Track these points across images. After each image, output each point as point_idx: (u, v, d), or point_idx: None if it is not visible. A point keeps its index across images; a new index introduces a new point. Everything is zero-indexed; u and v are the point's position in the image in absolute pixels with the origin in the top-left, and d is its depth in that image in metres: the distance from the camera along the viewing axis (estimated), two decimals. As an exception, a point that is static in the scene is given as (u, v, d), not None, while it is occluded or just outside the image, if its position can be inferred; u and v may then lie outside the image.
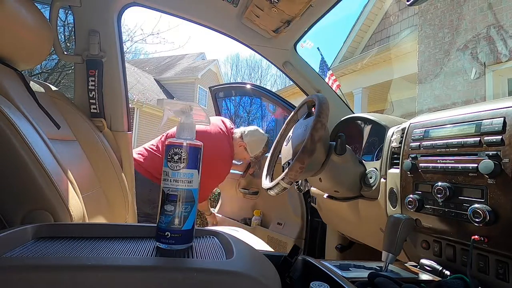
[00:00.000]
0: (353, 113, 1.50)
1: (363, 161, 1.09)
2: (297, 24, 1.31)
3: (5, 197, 0.60)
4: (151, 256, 0.44)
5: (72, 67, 1.32)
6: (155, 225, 0.48)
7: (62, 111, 1.03)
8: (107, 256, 0.42)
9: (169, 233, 0.46)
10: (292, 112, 1.21)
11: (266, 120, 2.54)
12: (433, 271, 0.78)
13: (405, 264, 0.84)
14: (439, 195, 0.74)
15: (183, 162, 0.47)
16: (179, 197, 0.46)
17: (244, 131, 1.82)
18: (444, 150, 0.77)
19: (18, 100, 0.73)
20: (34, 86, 0.93)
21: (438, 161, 0.78)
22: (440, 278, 0.73)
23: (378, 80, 6.44)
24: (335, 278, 0.49)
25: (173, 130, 1.88)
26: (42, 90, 0.97)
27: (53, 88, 1.07)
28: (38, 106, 0.80)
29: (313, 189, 1.38)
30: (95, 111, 1.21)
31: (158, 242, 0.47)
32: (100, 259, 0.40)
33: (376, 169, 1.01)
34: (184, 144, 0.47)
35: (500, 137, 0.65)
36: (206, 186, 1.68)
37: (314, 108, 0.95)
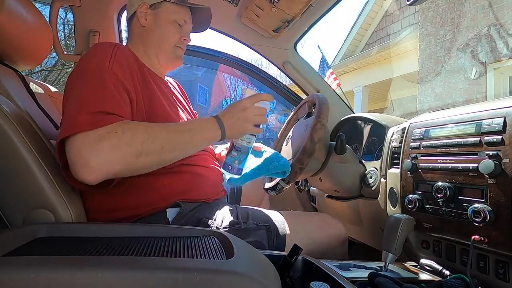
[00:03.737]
0: (353, 112, 1.50)
1: (363, 161, 1.09)
2: (297, 24, 1.31)
3: (6, 196, 0.60)
4: (151, 256, 0.44)
5: (72, 65, 1.32)
6: (155, 225, 0.48)
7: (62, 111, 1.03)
8: (107, 256, 0.42)
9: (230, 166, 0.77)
10: (292, 112, 1.21)
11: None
12: (433, 271, 0.78)
13: (405, 264, 0.84)
14: (439, 195, 0.74)
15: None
16: (241, 150, 0.76)
17: None
18: (444, 150, 0.77)
19: (19, 100, 0.73)
20: (34, 87, 0.93)
21: (438, 161, 0.77)
22: (440, 278, 0.73)
23: (378, 78, 6.43)
24: (335, 278, 0.49)
25: None
26: (42, 90, 0.97)
27: (53, 89, 1.07)
28: (38, 107, 0.81)
29: (313, 189, 1.38)
30: (95, 110, 1.20)
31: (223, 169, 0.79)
32: (100, 259, 0.40)
33: (376, 169, 1.01)
34: None
35: (500, 137, 0.65)
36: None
37: (314, 108, 0.95)
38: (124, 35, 1.31)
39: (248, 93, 0.76)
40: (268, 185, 1.01)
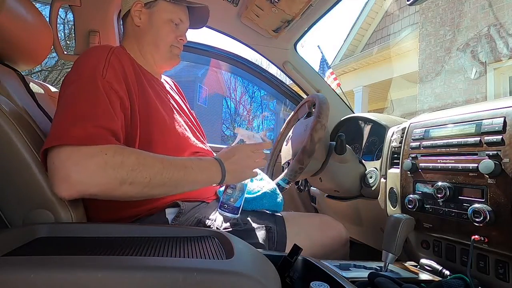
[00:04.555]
0: (353, 112, 1.50)
1: (363, 161, 1.09)
2: (297, 24, 1.31)
3: (7, 196, 0.60)
4: (151, 256, 0.44)
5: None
6: (154, 225, 0.48)
7: (63, 111, 1.02)
8: (107, 256, 0.42)
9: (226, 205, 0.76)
10: (292, 112, 1.21)
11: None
12: (433, 271, 0.78)
13: (405, 264, 0.84)
14: (439, 195, 0.74)
15: None
16: (236, 187, 0.76)
17: None
18: (444, 150, 0.77)
19: (19, 100, 0.73)
20: (34, 87, 0.93)
21: (438, 161, 0.77)
22: (440, 278, 0.73)
23: (378, 78, 6.44)
24: (335, 278, 0.49)
25: None
26: (42, 90, 0.97)
27: (53, 89, 1.07)
28: (38, 107, 0.80)
29: (313, 189, 1.39)
30: (95, 110, 1.20)
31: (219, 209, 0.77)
32: (100, 259, 0.40)
33: (376, 169, 1.01)
34: None
35: (501, 137, 0.65)
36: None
37: (314, 108, 0.95)
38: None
39: (241, 132, 0.77)
40: (268, 185, 1.01)
